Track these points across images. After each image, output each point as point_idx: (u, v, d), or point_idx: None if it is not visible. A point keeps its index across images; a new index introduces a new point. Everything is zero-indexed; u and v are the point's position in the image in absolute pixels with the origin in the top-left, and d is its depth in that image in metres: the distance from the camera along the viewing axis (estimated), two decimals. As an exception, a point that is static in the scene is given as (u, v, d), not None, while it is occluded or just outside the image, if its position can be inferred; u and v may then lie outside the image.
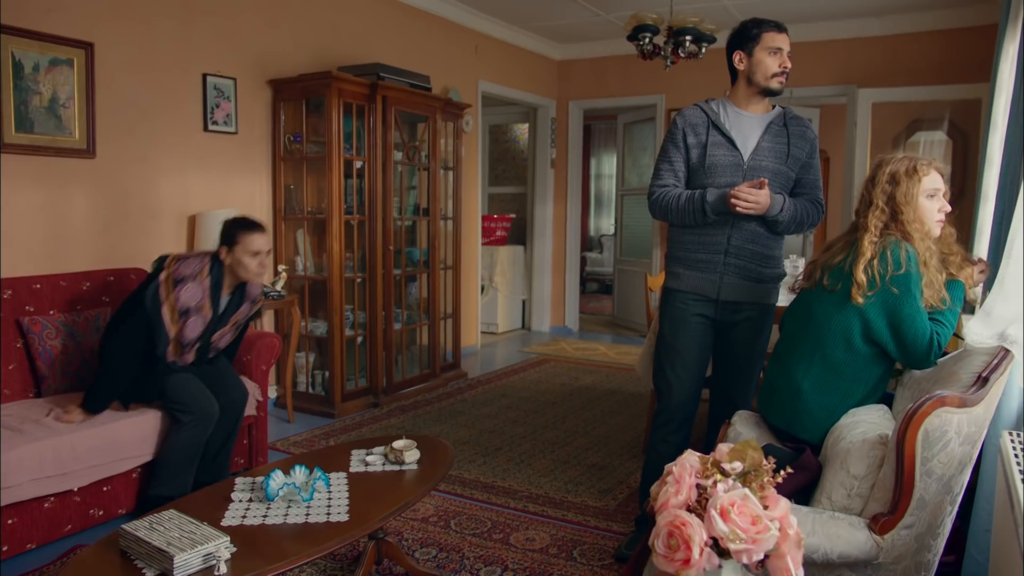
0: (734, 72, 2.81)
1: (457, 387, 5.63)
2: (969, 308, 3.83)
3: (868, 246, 2.17)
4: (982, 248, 4.14)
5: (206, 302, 3.18)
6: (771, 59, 2.70)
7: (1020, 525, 1.41)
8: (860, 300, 2.12)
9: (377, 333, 5.04)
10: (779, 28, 2.74)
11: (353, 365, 5.03)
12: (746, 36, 2.74)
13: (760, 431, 2.47)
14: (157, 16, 4.12)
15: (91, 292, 3.65)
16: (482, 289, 7.67)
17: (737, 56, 2.76)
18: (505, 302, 8.09)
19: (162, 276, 3.14)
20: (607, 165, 12.01)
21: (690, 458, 1.49)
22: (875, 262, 2.13)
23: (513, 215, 8.86)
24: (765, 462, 1.43)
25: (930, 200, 2.24)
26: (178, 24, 4.24)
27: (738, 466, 1.42)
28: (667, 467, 1.49)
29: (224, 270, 3.24)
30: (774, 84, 2.73)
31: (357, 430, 4.50)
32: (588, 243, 12.02)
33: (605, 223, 12.14)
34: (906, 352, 2.14)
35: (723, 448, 1.47)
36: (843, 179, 6.95)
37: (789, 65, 2.73)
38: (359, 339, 5.04)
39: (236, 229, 3.21)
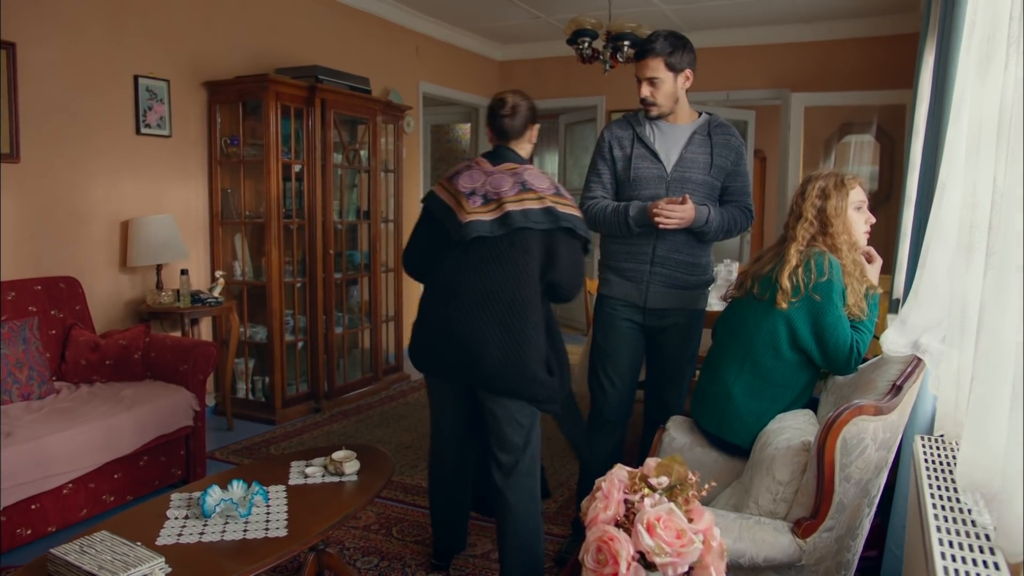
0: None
1: (399, 390, 5.62)
2: (894, 305, 4.00)
3: (794, 254, 2.28)
4: (903, 251, 4.33)
5: None
6: (640, 88, 2.82)
7: (927, 525, 1.49)
8: (784, 305, 2.22)
9: (318, 338, 4.99)
10: (641, 55, 2.80)
11: (294, 370, 4.99)
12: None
13: (694, 436, 2.55)
14: (85, 16, 4.01)
15: (17, 302, 3.54)
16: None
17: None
18: (449, 302, 8.08)
19: None
20: (549, 164, 12.05)
21: (619, 472, 1.53)
22: (800, 270, 2.23)
23: (456, 215, 8.84)
24: (690, 476, 1.48)
25: (857, 212, 2.35)
26: (107, 24, 4.12)
27: (664, 480, 1.47)
28: (597, 482, 1.53)
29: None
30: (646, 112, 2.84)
31: (298, 436, 4.46)
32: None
33: (548, 221, 12.19)
34: (828, 359, 2.24)
35: (651, 463, 1.52)
36: (778, 179, 7.15)
37: (647, 94, 2.79)
38: (300, 344, 4.99)
39: None
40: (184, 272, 4.33)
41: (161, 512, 2.34)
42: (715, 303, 3.88)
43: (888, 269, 5.70)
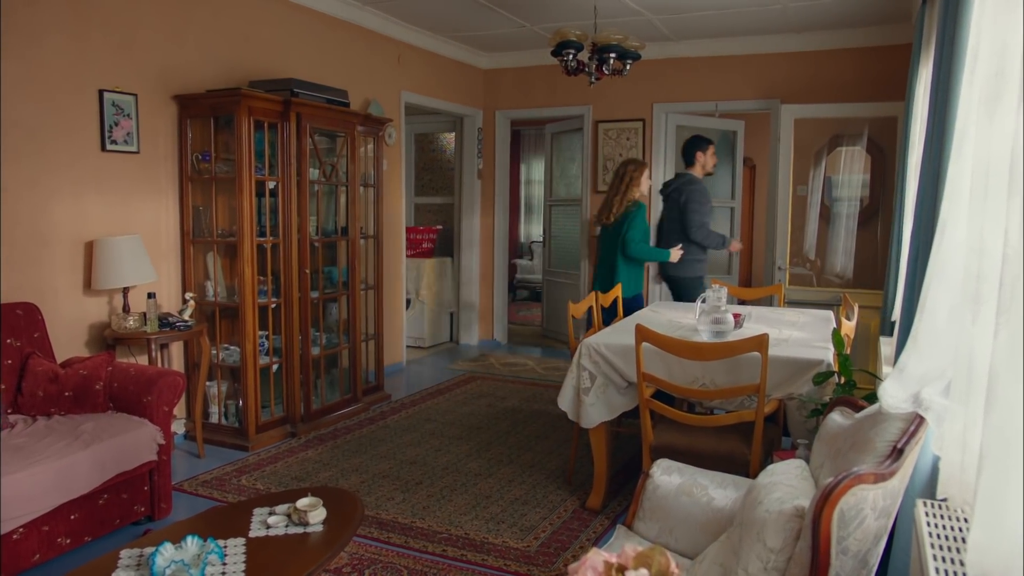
0: None
1: (380, 411, 5.45)
2: (887, 327, 3.85)
3: None
4: (901, 268, 4.19)
5: None
6: None
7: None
8: None
9: (294, 359, 4.82)
10: None
11: (269, 393, 4.81)
12: None
13: (684, 477, 2.42)
14: (45, 28, 3.82)
15: (-30, 332, 3.36)
16: (408, 303, 7.49)
17: None
18: (432, 315, 7.92)
19: None
20: (537, 171, 11.93)
21: (594, 560, 1.38)
22: None
23: (440, 226, 8.69)
24: (673, 566, 1.33)
25: None
26: (70, 38, 3.94)
27: (644, 573, 1.32)
28: (570, 569, 1.38)
29: None
30: None
31: (271, 465, 4.28)
32: (519, 249, 11.94)
33: (536, 229, 12.07)
34: None
35: (628, 551, 1.37)
36: (767, 188, 7.02)
37: None
38: (275, 366, 4.82)
39: None
40: (151, 296, 4.15)
41: (107, 573, 2.17)
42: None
43: (880, 285, 5.60)
